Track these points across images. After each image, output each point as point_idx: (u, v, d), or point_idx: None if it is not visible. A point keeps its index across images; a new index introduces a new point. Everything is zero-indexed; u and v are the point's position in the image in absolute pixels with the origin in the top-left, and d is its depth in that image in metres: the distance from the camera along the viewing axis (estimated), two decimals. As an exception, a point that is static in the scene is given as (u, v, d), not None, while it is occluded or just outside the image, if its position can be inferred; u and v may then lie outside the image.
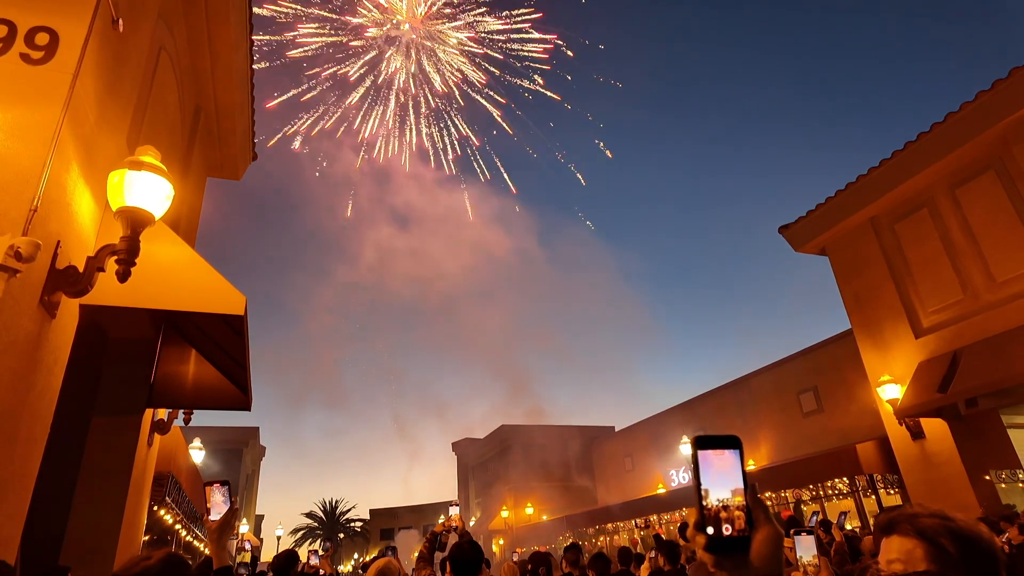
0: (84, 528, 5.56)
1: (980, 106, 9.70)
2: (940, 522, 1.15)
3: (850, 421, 15.48)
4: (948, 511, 1.19)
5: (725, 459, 0.80)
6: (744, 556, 0.79)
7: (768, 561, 0.79)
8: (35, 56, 3.31)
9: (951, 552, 1.09)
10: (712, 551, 0.79)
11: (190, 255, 4.38)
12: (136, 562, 1.55)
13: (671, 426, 23.63)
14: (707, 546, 0.78)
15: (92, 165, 3.87)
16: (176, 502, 8.96)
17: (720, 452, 0.81)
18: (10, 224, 2.93)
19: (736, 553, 0.79)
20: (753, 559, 0.79)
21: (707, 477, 0.80)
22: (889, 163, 11.19)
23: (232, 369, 6.15)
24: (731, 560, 0.79)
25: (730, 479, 0.80)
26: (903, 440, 11.05)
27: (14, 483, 3.20)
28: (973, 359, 9.66)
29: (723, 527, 0.78)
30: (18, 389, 3.12)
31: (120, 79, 4.34)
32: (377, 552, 45.98)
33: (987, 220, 10.06)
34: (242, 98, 8.14)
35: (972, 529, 1.13)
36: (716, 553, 0.79)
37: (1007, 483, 10.23)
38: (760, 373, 19.90)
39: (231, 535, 2.34)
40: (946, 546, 1.10)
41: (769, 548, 0.79)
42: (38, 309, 3.25)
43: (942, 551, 1.10)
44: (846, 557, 5.20)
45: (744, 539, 0.79)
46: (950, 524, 1.14)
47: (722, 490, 0.79)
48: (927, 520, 1.16)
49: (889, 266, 11.63)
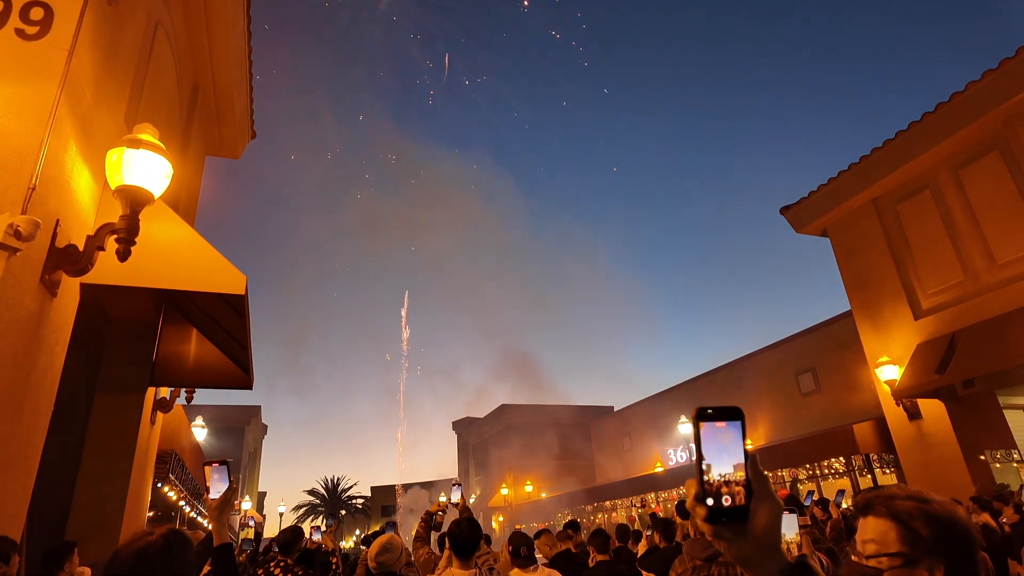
0: (89, 505, 5.64)
1: (985, 86, 9.59)
2: (915, 504, 1.16)
3: (848, 402, 15.58)
4: (927, 493, 1.20)
5: (726, 431, 0.80)
6: (742, 526, 0.80)
7: (766, 531, 0.80)
8: (30, 31, 3.27)
9: (923, 535, 1.11)
10: (711, 521, 0.79)
11: (190, 234, 4.37)
12: (139, 537, 1.57)
13: (669, 406, 23.79)
14: (706, 517, 0.79)
15: (90, 143, 3.84)
16: (179, 479, 9.05)
17: (722, 424, 0.80)
18: (9, 203, 2.92)
19: (734, 523, 0.80)
20: (751, 529, 0.80)
21: (708, 449, 0.79)
22: (893, 144, 11.10)
23: (233, 348, 6.17)
24: (729, 529, 0.80)
25: (731, 451, 0.80)
26: (900, 420, 11.13)
27: (19, 461, 3.23)
28: (972, 341, 9.69)
29: (723, 499, 0.79)
30: (21, 367, 3.14)
31: (117, 55, 4.29)
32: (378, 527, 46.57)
33: (990, 201, 10.01)
34: (240, 76, 8.05)
35: (947, 512, 1.15)
36: (715, 523, 0.79)
37: (1002, 463, 10.33)
38: (759, 354, 19.98)
39: (231, 512, 2.37)
40: (919, 529, 1.12)
41: (767, 519, 0.81)
42: (39, 288, 3.25)
43: (914, 534, 1.12)
44: (842, 535, 5.27)
45: (743, 509, 0.79)
46: (925, 507, 1.16)
47: (723, 462, 0.79)
48: (902, 503, 1.18)
49: (890, 248, 11.60)
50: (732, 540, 0.80)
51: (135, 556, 1.51)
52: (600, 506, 23.46)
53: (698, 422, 0.80)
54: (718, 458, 0.79)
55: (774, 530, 0.81)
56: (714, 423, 0.80)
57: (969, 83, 9.76)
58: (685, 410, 21.23)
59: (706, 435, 0.80)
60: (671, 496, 19.24)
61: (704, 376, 22.90)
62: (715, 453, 0.80)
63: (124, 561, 1.51)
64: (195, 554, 1.86)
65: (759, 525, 0.80)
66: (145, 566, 1.50)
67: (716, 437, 0.80)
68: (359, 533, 47.60)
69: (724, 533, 0.80)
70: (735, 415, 0.81)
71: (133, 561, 1.51)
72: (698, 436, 0.80)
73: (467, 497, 27.46)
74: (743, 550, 0.81)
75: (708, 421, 0.80)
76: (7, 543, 2.67)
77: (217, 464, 2.41)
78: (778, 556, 0.81)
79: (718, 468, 0.80)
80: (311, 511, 49.38)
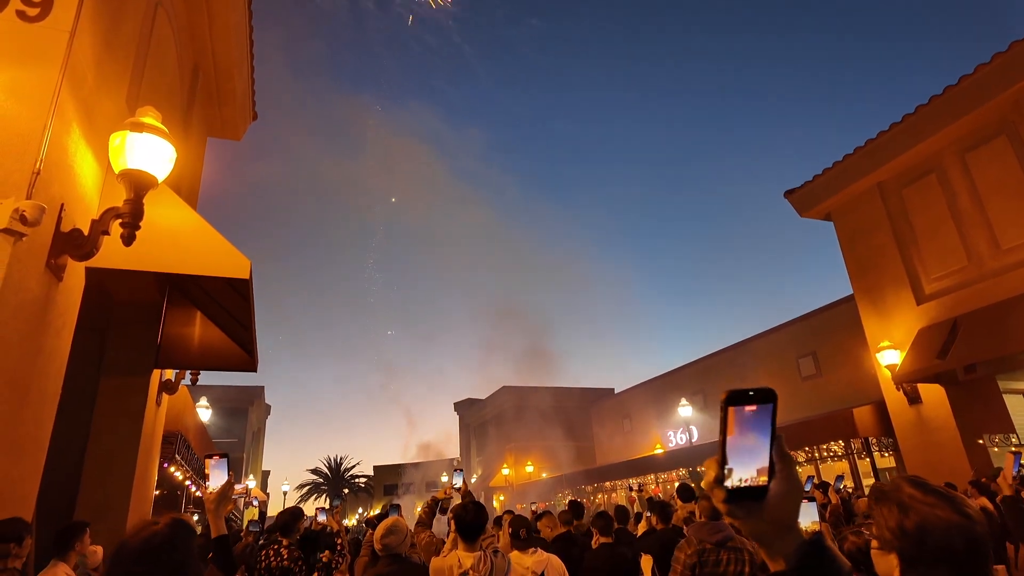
0: (96, 486, 5.71)
1: (995, 69, 9.48)
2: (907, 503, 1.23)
3: (848, 386, 15.64)
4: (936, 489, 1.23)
5: (757, 413, 0.77)
6: (759, 504, 0.78)
7: (783, 512, 0.79)
8: (31, 13, 3.23)
9: (910, 530, 1.20)
10: (729, 502, 0.78)
11: (194, 218, 4.37)
12: (144, 527, 1.58)
13: (669, 389, 23.92)
14: (725, 499, 0.78)
15: (92, 126, 3.82)
16: (185, 460, 9.16)
17: (752, 407, 0.77)
18: (13, 187, 2.92)
19: (751, 501, 0.78)
20: (768, 509, 0.79)
21: (735, 432, 0.77)
22: (899, 127, 11.00)
23: (237, 331, 6.20)
24: (744, 508, 0.79)
25: (759, 434, 0.77)
26: (900, 405, 11.19)
27: (28, 443, 3.27)
28: (974, 326, 9.70)
29: (743, 479, 0.77)
30: (28, 351, 3.16)
31: (118, 37, 4.25)
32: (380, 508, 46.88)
33: (996, 186, 9.95)
34: (241, 56, 7.97)
35: (931, 516, 1.20)
36: (732, 502, 0.78)
37: (1000, 447, 10.40)
38: (760, 337, 20.02)
39: (228, 505, 2.41)
40: (907, 527, 1.20)
41: (786, 501, 0.79)
42: (45, 272, 3.26)
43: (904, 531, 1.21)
44: (841, 519, 5.33)
45: (762, 489, 0.78)
46: (917, 507, 1.22)
47: (748, 444, 0.77)
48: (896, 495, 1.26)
49: (894, 232, 11.56)
50: (746, 518, 0.79)
51: (141, 547, 1.52)
52: (600, 487, 23.70)
53: (727, 407, 0.77)
54: (744, 441, 0.77)
55: (792, 512, 0.80)
56: (744, 407, 0.77)
57: (978, 66, 9.64)
58: (685, 393, 21.33)
59: (736, 419, 0.77)
60: (670, 478, 19.42)
61: (705, 359, 22.97)
62: (742, 436, 0.77)
63: (130, 552, 1.52)
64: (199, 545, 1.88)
65: (777, 506, 0.78)
66: (151, 557, 1.51)
67: (746, 420, 0.77)
68: (362, 511, 48.20)
69: (738, 512, 0.79)
70: (768, 397, 0.77)
71: (139, 552, 1.52)
72: (725, 420, 0.77)
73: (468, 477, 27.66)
74: (758, 527, 0.79)
75: (739, 405, 0.77)
76: (20, 524, 2.71)
77: (217, 457, 2.45)
78: (794, 534, 0.80)
79: (743, 451, 0.77)
80: (314, 490, 49.96)
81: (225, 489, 2.38)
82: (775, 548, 0.80)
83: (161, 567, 1.51)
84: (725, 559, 3.00)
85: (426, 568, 3.07)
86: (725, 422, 0.77)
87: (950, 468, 9.87)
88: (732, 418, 0.77)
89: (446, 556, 3.00)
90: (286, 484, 39.27)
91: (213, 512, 2.35)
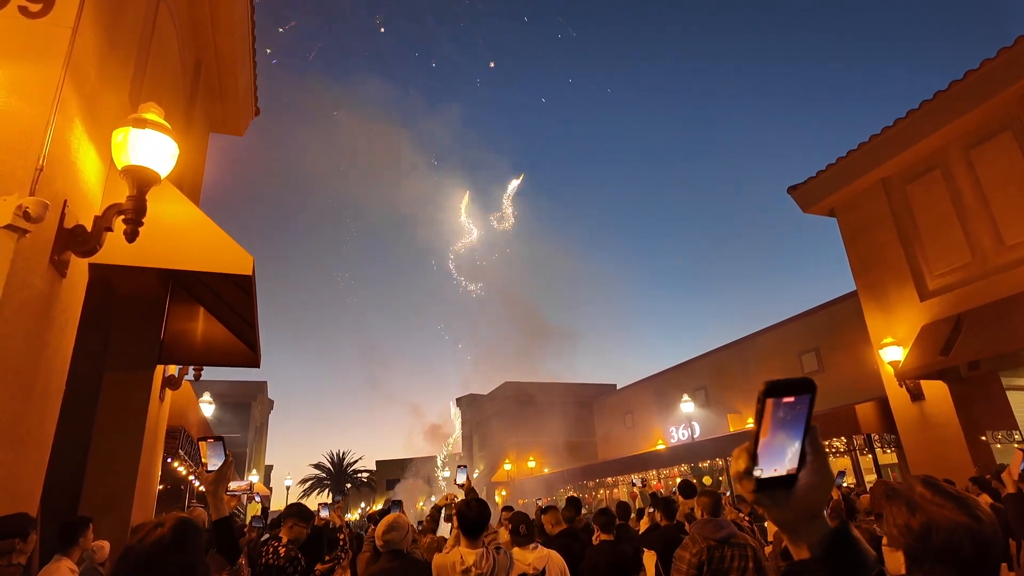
0: (101, 481, 5.73)
1: (1000, 65, 9.42)
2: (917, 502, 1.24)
3: (850, 382, 15.62)
4: (947, 491, 1.23)
5: (794, 404, 0.75)
6: (786, 492, 0.77)
7: (810, 502, 0.78)
8: (33, 9, 3.23)
9: (915, 529, 1.21)
10: (756, 491, 0.77)
11: (197, 214, 4.37)
12: (149, 530, 1.57)
13: (671, 385, 23.93)
14: (754, 489, 0.77)
15: (95, 122, 3.82)
16: (188, 454, 9.19)
17: (790, 398, 0.75)
18: (16, 184, 2.92)
19: (778, 490, 0.77)
20: (795, 498, 0.77)
21: (770, 424, 0.75)
22: (903, 122, 10.94)
23: (240, 327, 6.21)
24: (771, 497, 0.78)
25: (795, 424, 0.75)
26: (903, 401, 11.18)
27: (33, 438, 3.28)
28: (977, 322, 9.67)
29: (772, 468, 0.76)
30: (32, 347, 3.17)
31: (120, 32, 4.24)
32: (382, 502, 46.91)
33: (1001, 182, 9.90)
34: (243, 50, 7.95)
35: (939, 516, 1.20)
36: (760, 491, 0.77)
37: (1003, 443, 10.39)
38: (762, 333, 20.01)
39: (226, 486, 2.42)
40: (913, 526, 1.21)
41: (814, 492, 0.78)
42: (48, 268, 3.27)
43: (910, 530, 1.22)
44: (842, 514, 5.33)
45: (791, 479, 0.77)
46: (925, 507, 1.23)
47: (782, 436, 0.75)
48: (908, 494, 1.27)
49: (898, 228, 11.52)
50: (772, 506, 0.78)
51: (148, 550, 1.51)
52: (602, 482, 23.75)
53: (766, 398, 0.75)
54: (778, 431, 0.75)
55: (820, 502, 0.79)
56: (783, 398, 0.75)
57: (983, 61, 9.58)
58: (687, 389, 21.33)
59: (772, 410, 0.75)
60: (672, 473, 19.45)
61: (707, 355, 22.97)
62: (777, 426, 0.75)
63: (137, 556, 1.50)
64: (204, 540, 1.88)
65: (805, 495, 0.77)
66: (159, 560, 1.50)
67: (783, 411, 0.75)
68: (364, 506, 48.39)
69: (765, 500, 0.78)
70: (807, 388, 0.75)
71: (147, 555, 1.50)
72: (762, 411, 0.75)
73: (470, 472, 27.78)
74: (784, 515, 0.78)
75: (778, 396, 0.75)
76: (25, 519, 2.72)
77: (212, 440, 2.46)
78: (820, 523, 0.79)
79: (777, 440, 0.76)
80: (317, 484, 50.15)
81: (223, 470, 2.38)
82: (800, 536, 0.79)
83: (169, 569, 1.51)
84: (729, 555, 3.01)
85: (427, 564, 3.08)
86: (762, 413, 0.75)
87: (953, 465, 9.86)
88: (769, 409, 0.75)
89: (448, 552, 3.01)
90: (289, 479, 39.41)
91: (212, 493, 2.36)
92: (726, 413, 20.54)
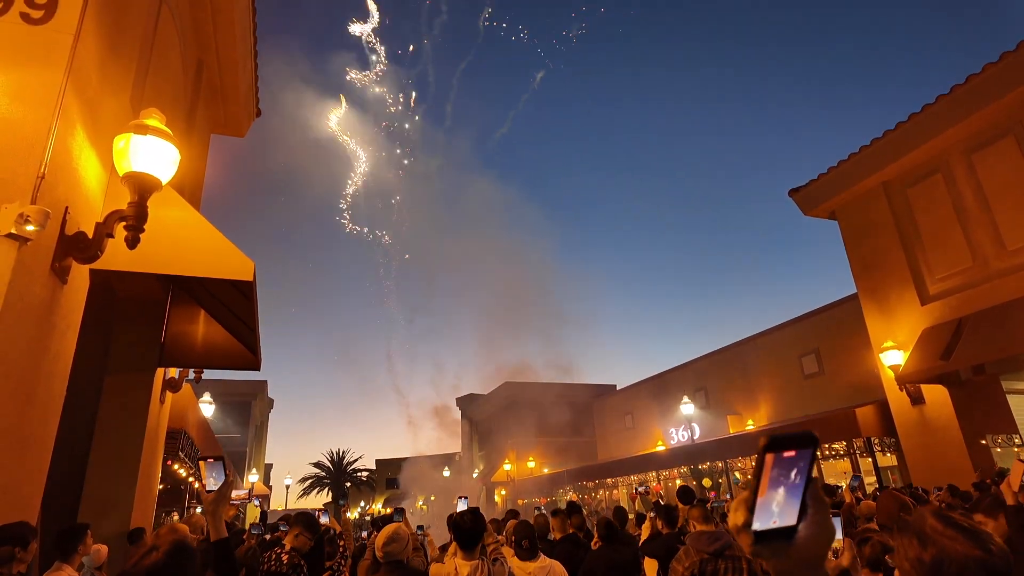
0: (101, 482, 5.74)
1: (1002, 69, 9.40)
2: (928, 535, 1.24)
3: (850, 384, 15.62)
4: (959, 523, 1.23)
5: (795, 459, 0.74)
6: (785, 544, 0.76)
7: (809, 553, 0.76)
8: (35, 15, 3.22)
9: (927, 563, 1.20)
10: (755, 543, 0.76)
11: (198, 220, 4.36)
12: (144, 555, 1.56)
13: (672, 386, 23.91)
14: (752, 543, 0.76)
15: (96, 127, 3.81)
16: (188, 456, 9.19)
17: (791, 452, 0.74)
18: (18, 191, 2.91)
19: (777, 541, 0.76)
20: (795, 549, 0.76)
21: (770, 478, 0.74)
22: (905, 126, 10.93)
23: (241, 330, 6.20)
24: (771, 548, 0.76)
25: (795, 478, 0.74)
26: (903, 405, 11.17)
27: (34, 443, 3.28)
28: (978, 327, 9.66)
29: (772, 520, 0.75)
30: (34, 354, 3.17)
31: (122, 36, 4.23)
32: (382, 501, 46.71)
33: (1002, 186, 9.89)
34: (244, 51, 7.94)
35: (950, 549, 1.19)
36: (759, 544, 0.76)
37: (1003, 447, 10.38)
38: (763, 335, 19.99)
39: (225, 507, 2.38)
40: (925, 559, 1.21)
41: (815, 544, 0.77)
42: (50, 275, 3.26)
43: (921, 563, 1.21)
44: (852, 519, 5.31)
45: (791, 530, 0.75)
46: (936, 539, 1.22)
47: (783, 489, 0.74)
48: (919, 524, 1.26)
49: (899, 232, 11.51)
50: (772, 557, 0.77)
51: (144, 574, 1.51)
52: (602, 483, 23.74)
53: (766, 453, 0.74)
54: (779, 484, 0.74)
55: (820, 554, 0.77)
56: (783, 453, 0.74)
57: (986, 65, 9.57)
58: (687, 390, 21.32)
59: (773, 464, 0.74)
60: (672, 475, 19.44)
61: (707, 356, 22.96)
62: (777, 479, 0.74)
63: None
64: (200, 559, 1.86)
65: (805, 547, 0.76)
66: None
67: (783, 465, 0.74)
68: (364, 505, 48.42)
69: (764, 552, 0.76)
70: (808, 442, 0.74)
71: None
72: (761, 466, 0.74)
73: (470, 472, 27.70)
74: (783, 565, 0.77)
75: (779, 451, 0.74)
76: (25, 528, 2.72)
77: (212, 460, 2.41)
78: (819, 574, 0.77)
79: (777, 495, 0.75)
80: (317, 483, 50.14)
81: (223, 490, 2.36)
82: None
83: None
84: (723, 568, 3.00)
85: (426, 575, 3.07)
86: (761, 468, 0.74)
87: (952, 468, 9.86)
88: (769, 464, 0.74)
89: (444, 563, 3.01)
90: (288, 478, 39.43)
91: (212, 514, 2.33)
92: (726, 415, 20.53)
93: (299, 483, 49.10)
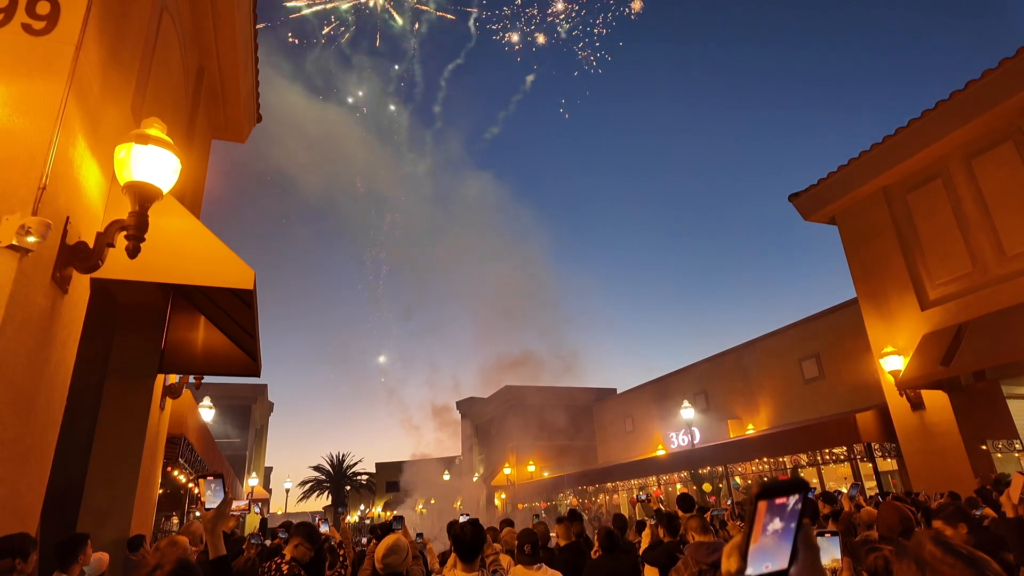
0: (101, 489, 5.73)
1: (1002, 75, 9.42)
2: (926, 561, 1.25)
3: (850, 389, 15.61)
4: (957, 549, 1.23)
5: (787, 504, 0.76)
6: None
7: None
8: (37, 26, 3.23)
9: None
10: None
11: (198, 228, 4.37)
12: (148, 574, 1.56)
13: (672, 390, 23.89)
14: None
15: (98, 137, 3.82)
16: (188, 462, 9.18)
17: (783, 499, 0.76)
18: (19, 202, 2.92)
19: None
20: None
21: (762, 523, 0.76)
22: (905, 132, 10.94)
23: (241, 337, 6.20)
24: None
25: (786, 523, 0.77)
26: (903, 410, 11.16)
27: (34, 454, 3.28)
28: (978, 333, 9.65)
29: (764, 565, 0.76)
30: (34, 364, 3.17)
31: (123, 45, 4.24)
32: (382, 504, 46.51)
33: (1002, 192, 9.90)
34: (245, 56, 7.96)
35: None
36: None
37: (1004, 452, 10.37)
38: (763, 339, 19.97)
39: (224, 524, 2.37)
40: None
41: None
42: (51, 285, 3.27)
43: None
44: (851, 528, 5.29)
45: (782, 574, 0.77)
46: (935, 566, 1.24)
47: (774, 534, 0.76)
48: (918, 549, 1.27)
49: (899, 237, 11.52)
50: None
51: None
52: (602, 487, 23.71)
53: (758, 500, 0.76)
54: (770, 532, 0.76)
55: None
56: (775, 500, 0.76)
57: (985, 71, 9.59)
58: (688, 395, 21.30)
59: (765, 511, 0.76)
60: (672, 479, 19.42)
61: (707, 361, 22.93)
62: (768, 528, 0.76)
63: None
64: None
65: None
66: None
67: (775, 511, 0.76)
68: (364, 508, 48.33)
69: None
70: (799, 488, 0.76)
71: None
72: (753, 513, 0.76)
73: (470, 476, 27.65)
74: None
75: (770, 499, 0.76)
76: (25, 539, 2.71)
77: (212, 477, 2.41)
78: None
79: (769, 540, 0.76)
80: (316, 487, 50.04)
81: (223, 508, 2.35)
82: None
83: None
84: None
85: None
86: (753, 515, 0.76)
87: (952, 474, 9.86)
88: (761, 511, 0.76)
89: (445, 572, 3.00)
90: (288, 481, 39.34)
91: (211, 532, 2.33)
92: (726, 419, 20.50)
93: (299, 486, 49.01)
